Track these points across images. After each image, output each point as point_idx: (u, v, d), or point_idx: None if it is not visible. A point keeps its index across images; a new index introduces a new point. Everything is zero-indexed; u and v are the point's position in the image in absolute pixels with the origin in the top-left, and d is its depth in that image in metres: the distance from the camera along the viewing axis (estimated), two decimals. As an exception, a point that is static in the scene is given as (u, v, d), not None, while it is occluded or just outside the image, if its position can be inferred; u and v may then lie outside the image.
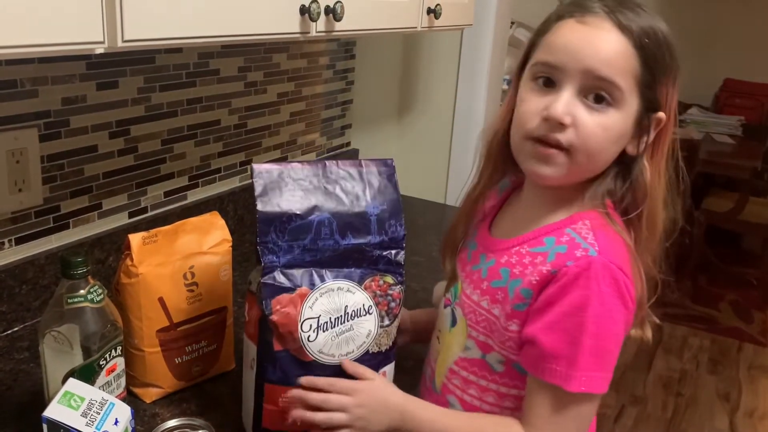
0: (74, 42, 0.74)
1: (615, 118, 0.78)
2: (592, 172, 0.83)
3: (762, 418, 2.77)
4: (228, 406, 0.98)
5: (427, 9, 1.44)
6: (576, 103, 0.78)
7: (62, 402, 0.78)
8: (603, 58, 0.77)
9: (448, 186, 2.19)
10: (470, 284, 0.91)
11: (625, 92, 0.78)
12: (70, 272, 0.85)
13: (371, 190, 0.91)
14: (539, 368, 0.79)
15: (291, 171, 0.87)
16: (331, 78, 1.85)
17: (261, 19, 0.99)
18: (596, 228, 0.81)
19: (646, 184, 0.82)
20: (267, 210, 0.84)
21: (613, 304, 0.77)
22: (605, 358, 0.78)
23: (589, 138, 0.78)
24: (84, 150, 1.22)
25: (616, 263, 0.78)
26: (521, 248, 0.85)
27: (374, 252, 0.89)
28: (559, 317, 0.78)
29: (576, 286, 0.77)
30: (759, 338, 3.36)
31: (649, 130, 0.82)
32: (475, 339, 0.89)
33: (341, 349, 0.86)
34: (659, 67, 0.79)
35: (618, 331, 0.79)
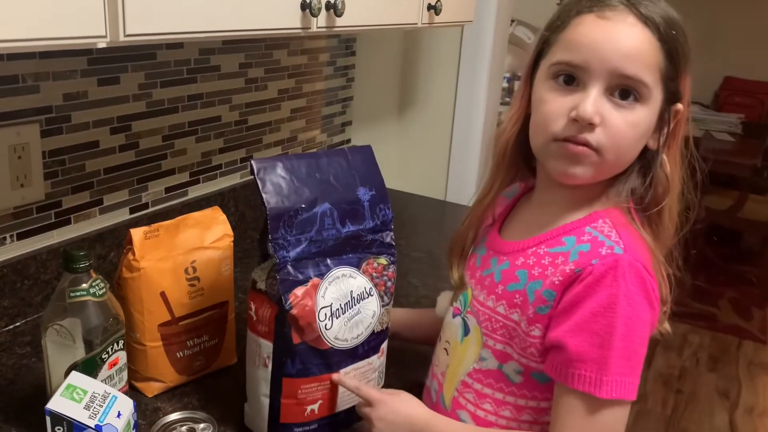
0: (76, 36, 0.74)
1: (642, 114, 0.76)
2: (618, 169, 0.81)
3: (762, 415, 2.78)
4: (229, 400, 0.98)
5: (428, 5, 1.44)
6: (603, 101, 0.75)
7: (65, 395, 0.79)
8: (628, 55, 0.74)
9: (448, 183, 2.20)
10: (482, 290, 0.87)
11: (651, 88, 0.75)
12: (73, 266, 0.85)
13: (359, 176, 0.93)
14: (567, 375, 0.74)
15: (288, 164, 0.88)
16: (331, 75, 1.86)
17: (262, 15, 0.99)
18: (618, 226, 0.78)
19: (668, 178, 0.80)
20: (276, 206, 0.84)
21: (640, 303, 0.74)
22: (634, 362, 0.74)
23: (618, 136, 0.76)
24: (85, 146, 1.22)
25: (641, 261, 0.75)
26: (539, 249, 0.81)
27: (368, 236, 0.92)
28: (586, 318, 0.73)
29: (603, 285, 0.73)
30: (758, 335, 3.36)
31: (669, 123, 0.80)
32: (492, 348, 0.84)
33: (353, 333, 0.89)
34: (681, 58, 0.77)
35: (645, 332, 0.75)
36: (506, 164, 0.89)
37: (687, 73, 0.79)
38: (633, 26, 0.75)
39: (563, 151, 0.78)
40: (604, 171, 0.79)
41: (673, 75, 0.77)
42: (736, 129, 4.11)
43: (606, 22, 0.75)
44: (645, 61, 0.74)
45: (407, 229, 1.77)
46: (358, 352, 0.91)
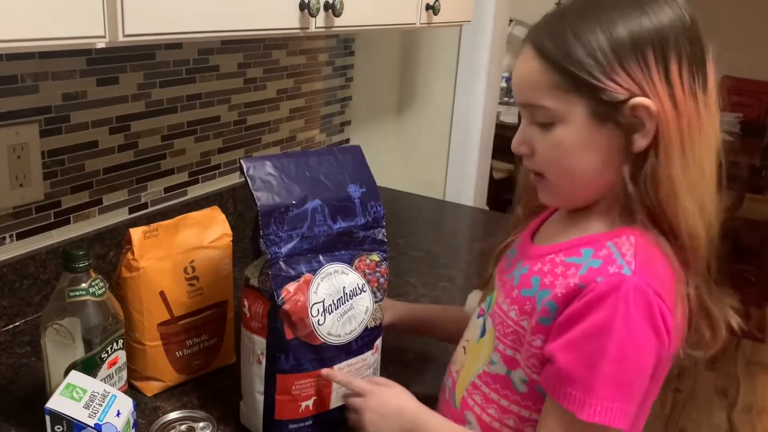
0: (75, 36, 0.74)
1: (563, 133, 0.76)
2: (583, 187, 0.79)
3: (760, 413, 2.78)
4: (229, 399, 0.98)
5: (426, 5, 1.44)
6: (532, 129, 0.79)
7: (65, 394, 0.79)
8: (521, 86, 0.79)
9: (447, 182, 2.20)
10: (503, 293, 0.86)
11: (553, 106, 0.75)
12: (72, 266, 0.85)
13: (349, 174, 0.94)
14: (556, 390, 0.74)
15: (277, 162, 0.90)
16: (330, 74, 1.86)
17: (261, 15, 0.99)
18: (640, 245, 0.74)
19: (657, 181, 0.73)
20: (266, 203, 0.86)
21: (642, 331, 0.70)
22: (626, 390, 0.71)
23: (546, 159, 0.78)
24: (84, 145, 1.22)
25: (654, 286, 0.71)
26: (556, 256, 0.79)
27: (360, 233, 0.93)
28: (579, 336, 0.72)
29: (602, 305, 0.71)
30: (757, 334, 3.37)
31: (640, 121, 0.73)
32: (501, 353, 0.83)
33: (345, 328, 0.90)
34: (584, 64, 0.72)
35: (645, 361, 0.72)
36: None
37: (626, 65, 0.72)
38: (524, 55, 0.78)
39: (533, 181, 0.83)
40: (563, 192, 0.81)
41: (580, 82, 0.73)
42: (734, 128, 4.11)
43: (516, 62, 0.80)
44: (535, 85, 0.76)
45: (406, 228, 1.77)
46: (351, 348, 0.91)
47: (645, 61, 0.73)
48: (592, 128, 0.75)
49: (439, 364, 1.12)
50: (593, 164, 0.77)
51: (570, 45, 0.73)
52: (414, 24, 1.43)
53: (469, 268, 1.58)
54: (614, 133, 0.74)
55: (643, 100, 0.72)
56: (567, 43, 0.74)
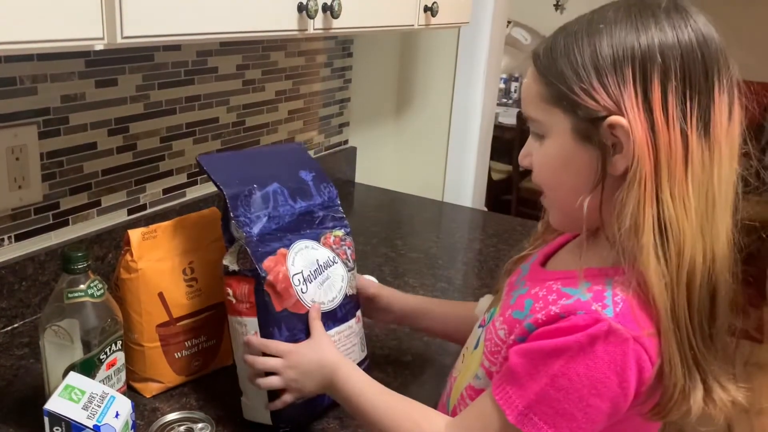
0: (74, 38, 0.75)
1: (549, 145, 0.75)
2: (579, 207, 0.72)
3: (758, 414, 2.78)
4: (227, 400, 0.98)
5: (424, 6, 1.44)
6: (534, 144, 0.78)
7: (63, 395, 0.79)
8: (522, 97, 0.80)
9: (446, 184, 2.20)
10: (500, 309, 0.84)
11: (541, 119, 0.75)
12: (71, 267, 0.85)
13: (296, 163, 1.03)
14: (498, 383, 0.73)
15: (229, 156, 1.01)
16: (328, 76, 1.86)
17: (259, 17, 1.00)
18: (639, 288, 0.68)
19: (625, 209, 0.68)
20: (230, 187, 0.91)
21: (603, 374, 0.66)
22: (563, 420, 0.68)
23: (538, 172, 0.78)
24: (83, 147, 1.22)
25: (637, 334, 0.66)
26: (555, 284, 0.76)
27: (319, 213, 1.00)
28: (536, 348, 0.70)
29: (569, 334, 0.68)
30: (755, 335, 3.37)
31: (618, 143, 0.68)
32: (486, 369, 0.81)
33: (328, 296, 0.95)
34: (564, 76, 0.71)
35: (595, 402, 0.67)
36: None
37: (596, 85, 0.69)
38: (528, 73, 0.78)
39: None
40: (562, 212, 0.79)
41: (561, 95, 0.71)
42: (732, 129, 4.12)
43: None
44: (530, 98, 0.77)
45: (404, 229, 1.77)
46: (337, 315, 0.95)
47: (623, 78, 0.68)
48: (574, 144, 0.72)
49: (437, 365, 1.12)
50: (575, 182, 0.73)
51: (557, 58, 0.73)
52: (412, 25, 1.44)
53: (467, 269, 1.58)
54: (595, 153, 0.70)
55: (618, 118, 0.68)
56: (555, 56, 0.73)
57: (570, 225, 0.81)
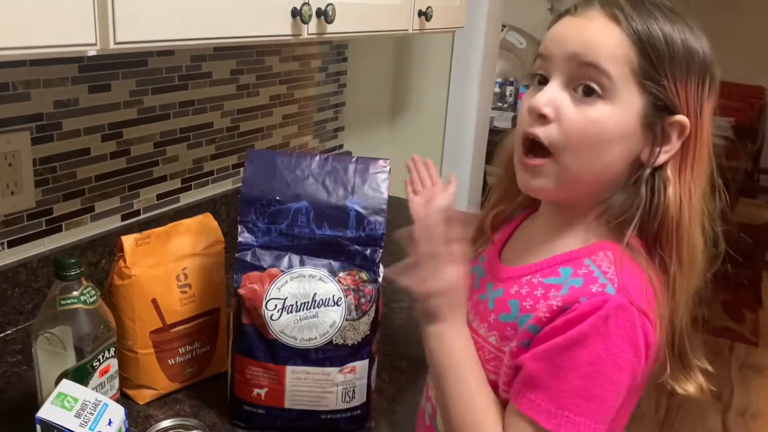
0: (67, 44, 0.74)
1: (607, 111, 0.70)
2: (591, 181, 0.74)
3: (754, 417, 2.79)
4: (221, 407, 0.98)
5: (419, 11, 1.44)
6: (563, 95, 0.72)
7: (56, 403, 0.78)
8: (587, 42, 0.71)
9: (441, 188, 2.20)
10: (476, 315, 0.82)
11: (615, 80, 0.70)
12: (63, 274, 0.85)
13: (357, 186, 0.94)
14: (519, 395, 0.71)
15: (284, 158, 0.94)
16: (323, 81, 1.86)
17: (253, 22, 0.99)
18: (619, 261, 0.71)
19: (668, 201, 0.71)
20: (249, 192, 0.92)
21: (620, 348, 0.68)
22: (595, 405, 0.68)
23: (573, 132, 0.71)
24: (76, 153, 1.22)
25: (638, 304, 0.69)
26: (533, 278, 0.76)
27: (351, 246, 0.92)
28: (552, 347, 0.69)
29: (582, 323, 0.68)
30: (750, 338, 3.38)
31: (668, 137, 0.72)
32: None
33: (303, 334, 0.90)
34: (665, 58, 0.70)
35: (618, 378, 0.69)
36: (505, 177, 0.86)
37: (685, 81, 0.71)
38: (599, 19, 0.72)
39: (521, 164, 0.76)
40: (569, 181, 0.73)
41: (652, 75, 0.70)
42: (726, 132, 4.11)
43: (574, 18, 0.74)
44: (608, 50, 0.70)
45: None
46: (310, 356, 0.90)
47: (703, 83, 0.72)
48: (636, 125, 0.71)
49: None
50: (616, 159, 0.73)
51: (656, 33, 0.70)
52: (407, 30, 1.44)
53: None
54: (645, 139, 0.72)
55: (685, 120, 0.72)
56: (653, 29, 0.70)
57: (564, 193, 0.76)
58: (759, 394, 2.93)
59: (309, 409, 0.93)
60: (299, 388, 0.91)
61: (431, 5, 1.46)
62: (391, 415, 1.04)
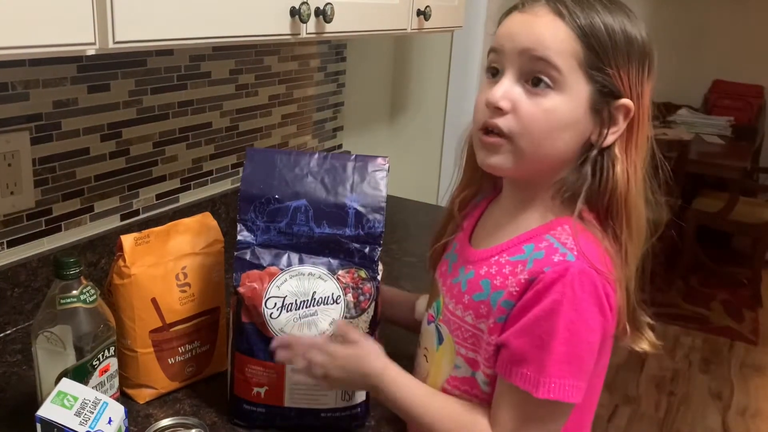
0: (66, 43, 0.74)
1: (557, 101, 0.76)
2: (547, 163, 0.80)
3: (754, 416, 2.79)
4: (221, 406, 0.98)
5: (417, 11, 1.45)
6: (516, 88, 0.77)
7: (55, 402, 0.78)
8: (537, 38, 0.76)
9: (440, 187, 2.20)
10: (452, 299, 0.87)
11: (564, 72, 0.75)
12: (63, 273, 0.85)
13: (356, 184, 0.94)
14: (510, 372, 0.77)
15: (283, 157, 0.94)
16: (322, 80, 1.86)
17: (251, 21, 1.00)
18: (576, 232, 0.78)
19: (616, 177, 0.78)
20: (248, 190, 0.91)
21: (588, 310, 0.75)
22: (577, 365, 0.75)
23: (529, 122, 0.77)
24: (76, 153, 1.22)
25: (596, 268, 0.75)
26: (500, 257, 0.82)
27: (350, 245, 0.92)
28: (530, 321, 0.75)
29: (551, 291, 0.74)
30: (750, 337, 3.38)
31: (614, 119, 0.78)
32: (464, 356, 0.85)
33: (303, 332, 0.90)
34: (608, 49, 0.76)
35: (592, 339, 0.76)
36: (470, 162, 0.91)
37: (627, 68, 0.77)
38: (545, 15, 0.77)
39: (480, 142, 0.81)
40: (525, 162, 0.79)
41: (597, 65, 0.76)
42: (725, 132, 4.14)
43: (522, 14, 0.80)
44: (555, 45, 0.76)
45: (399, 233, 1.77)
46: None
47: (643, 68, 0.79)
48: (584, 111, 0.78)
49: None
50: (568, 144, 0.79)
51: (598, 25, 0.76)
52: (405, 30, 1.44)
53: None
54: (594, 123, 0.79)
55: (629, 102, 0.78)
56: (595, 22, 0.76)
57: (524, 172, 0.82)
58: (759, 394, 2.94)
59: (309, 407, 0.93)
60: (299, 386, 0.91)
61: (430, 5, 1.47)
62: (391, 413, 1.04)
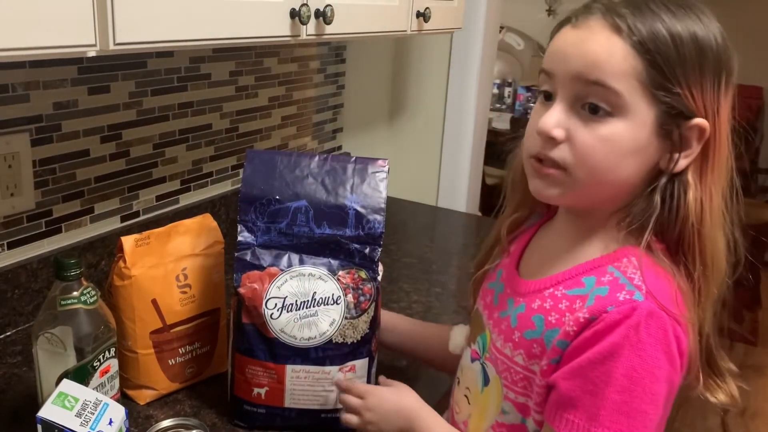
0: (66, 45, 0.75)
1: (618, 129, 0.68)
2: (610, 193, 0.72)
3: (753, 416, 2.79)
4: (222, 407, 0.98)
5: (417, 12, 1.45)
6: (571, 115, 0.70)
7: (56, 403, 0.78)
8: (591, 59, 0.68)
9: (440, 188, 2.20)
10: (500, 335, 0.79)
11: (625, 96, 0.67)
12: (64, 274, 0.85)
13: (356, 185, 0.94)
14: (556, 417, 0.69)
15: (283, 158, 0.94)
16: (322, 82, 1.86)
17: (251, 23, 1.00)
18: (644, 266, 0.69)
19: (688, 206, 0.69)
20: (249, 191, 0.91)
21: (654, 357, 0.66)
22: (636, 419, 0.66)
23: (586, 153, 0.69)
24: (76, 154, 1.22)
25: (668, 310, 0.67)
26: (556, 290, 0.74)
27: (351, 245, 0.93)
28: (585, 363, 0.67)
29: (612, 333, 0.66)
30: (749, 337, 3.38)
31: (688, 141, 0.69)
32: (513, 401, 0.77)
33: (303, 333, 0.90)
34: (675, 65, 0.67)
35: (657, 389, 0.67)
36: (519, 187, 0.83)
37: (701, 83, 0.69)
38: (600, 33, 0.68)
39: (533, 170, 0.74)
40: (583, 192, 0.72)
41: (663, 84, 0.67)
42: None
43: (576, 30, 0.71)
44: (612, 66, 0.67)
45: (398, 234, 1.77)
46: (310, 355, 0.91)
47: (719, 81, 0.70)
48: (651, 135, 0.69)
49: (433, 372, 1.12)
50: (633, 172, 0.71)
51: (663, 37, 0.67)
52: (405, 31, 1.44)
53: (461, 274, 1.58)
54: (663, 147, 0.70)
55: (704, 121, 0.69)
56: (660, 34, 0.67)
57: (580, 202, 0.75)
58: (758, 394, 2.94)
59: (309, 408, 0.93)
60: (299, 387, 0.91)
61: (429, 6, 1.47)
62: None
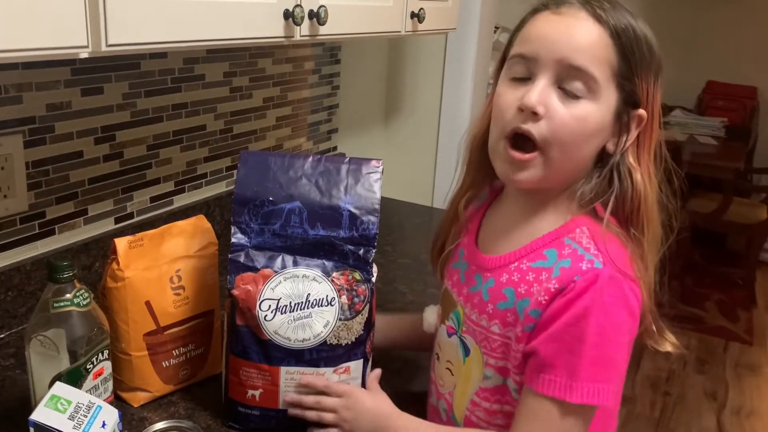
0: (59, 47, 0.74)
1: (590, 110, 0.76)
2: (570, 171, 0.81)
3: (749, 415, 2.80)
4: (216, 409, 0.98)
5: (411, 13, 1.45)
6: (551, 93, 0.76)
7: (49, 405, 0.78)
8: (577, 46, 0.75)
9: (435, 189, 2.21)
10: (473, 309, 0.86)
11: (600, 82, 0.76)
12: (56, 276, 0.85)
13: (350, 186, 0.94)
14: (537, 379, 0.76)
15: (277, 159, 0.94)
16: (316, 83, 1.86)
17: (245, 24, 1.00)
18: (596, 235, 0.78)
19: (638, 184, 0.79)
20: (242, 193, 0.91)
21: (617, 313, 0.75)
22: (609, 368, 0.76)
23: (563, 129, 0.76)
24: (69, 156, 1.22)
25: (623, 272, 0.76)
26: (521, 264, 0.82)
27: (345, 246, 0.92)
28: (560, 328, 0.75)
29: (582, 298, 0.75)
30: (744, 337, 3.39)
31: (629, 128, 0.80)
32: (493, 366, 0.84)
33: (297, 334, 0.90)
34: (638, 60, 0.77)
35: (622, 339, 0.76)
36: (474, 164, 0.90)
37: (648, 78, 0.79)
38: (584, 21, 0.76)
39: (508, 156, 0.79)
40: (552, 172, 0.79)
41: (627, 75, 0.77)
42: (719, 132, 4.15)
43: (558, 16, 0.78)
44: (594, 54, 0.75)
45: (394, 235, 1.77)
46: (304, 357, 0.90)
47: (657, 76, 0.80)
48: (610, 119, 0.79)
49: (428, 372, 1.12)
50: (592, 151, 0.80)
51: (630, 33, 0.77)
52: (399, 32, 1.44)
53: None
54: (614, 130, 0.80)
55: (644, 112, 0.80)
56: (629, 29, 0.77)
57: (547, 184, 0.81)
58: (753, 393, 2.94)
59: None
60: (294, 388, 0.91)
61: (423, 7, 1.47)
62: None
